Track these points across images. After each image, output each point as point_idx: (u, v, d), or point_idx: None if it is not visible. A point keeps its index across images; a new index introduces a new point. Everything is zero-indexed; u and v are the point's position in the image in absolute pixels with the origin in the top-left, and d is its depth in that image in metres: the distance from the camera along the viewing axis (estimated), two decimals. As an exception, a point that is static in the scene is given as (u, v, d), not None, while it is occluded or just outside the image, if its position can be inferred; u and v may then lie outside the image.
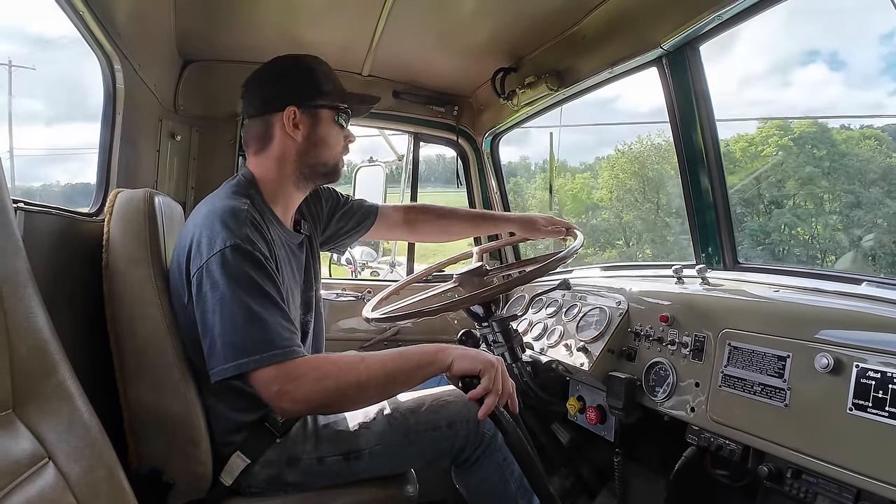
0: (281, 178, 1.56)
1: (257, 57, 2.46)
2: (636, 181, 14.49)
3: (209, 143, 2.49)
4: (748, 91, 19.61)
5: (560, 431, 2.29)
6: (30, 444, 0.76)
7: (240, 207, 1.39)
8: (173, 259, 1.46)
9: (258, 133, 1.54)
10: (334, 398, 1.31)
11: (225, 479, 1.44)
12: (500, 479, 1.61)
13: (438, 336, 2.61)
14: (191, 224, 1.42)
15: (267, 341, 1.26)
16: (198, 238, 1.35)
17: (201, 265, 1.31)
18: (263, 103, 1.53)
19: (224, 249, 1.30)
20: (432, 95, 2.79)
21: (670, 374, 1.68)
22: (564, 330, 2.08)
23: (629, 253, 14.11)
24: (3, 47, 12.26)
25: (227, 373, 1.26)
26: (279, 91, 1.52)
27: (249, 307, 1.28)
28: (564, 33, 2.11)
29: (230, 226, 1.34)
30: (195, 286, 1.33)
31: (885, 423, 1.15)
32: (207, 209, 1.42)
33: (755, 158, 11.23)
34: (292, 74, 1.55)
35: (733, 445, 1.47)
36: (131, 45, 1.76)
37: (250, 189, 1.51)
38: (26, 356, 0.79)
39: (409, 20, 2.12)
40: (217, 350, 1.27)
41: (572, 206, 15.65)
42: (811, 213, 10.66)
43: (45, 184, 11.37)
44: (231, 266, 1.30)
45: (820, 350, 1.28)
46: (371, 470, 1.53)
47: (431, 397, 1.60)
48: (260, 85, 1.55)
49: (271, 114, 1.52)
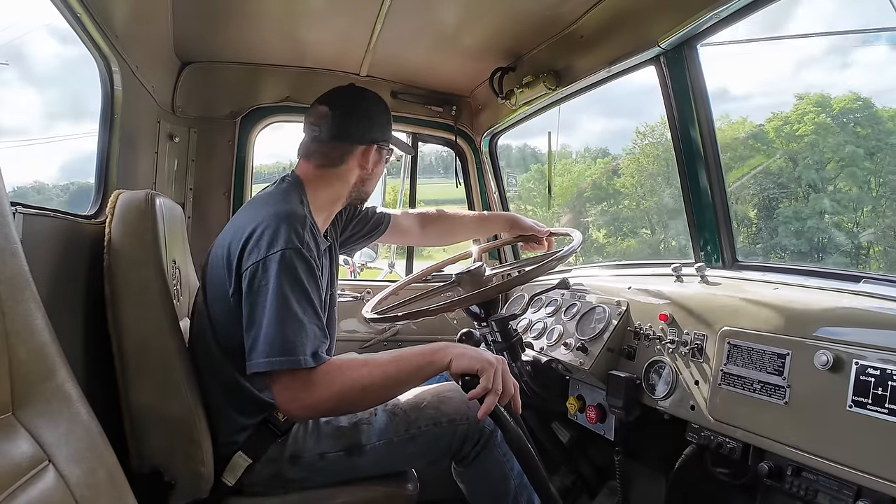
0: (335, 196, 1.67)
1: (255, 58, 2.49)
2: (658, 165, 13.27)
3: (208, 144, 2.49)
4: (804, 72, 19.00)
5: (560, 430, 2.28)
6: (30, 447, 0.76)
7: (303, 214, 1.47)
8: (219, 248, 1.49)
9: (330, 152, 1.63)
10: (340, 404, 1.36)
11: (227, 478, 1.46)
12: (500, 474, 1.62)
13: (438, 336, 2.61)
14: (247, 218, 1.46)
15: (303, 346, 1.31)
16: (259, 233, 1.39)
17: (258, 260, 1.36)
18: (350, 132, 1.64)
19: (286, 250, 1.36)
20: (430, 95, 2.80)
21: (670, 373, 1.68)
22: (564, 329, 2.08)
23: (652, 242, 13.18)
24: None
25: (261, 367, 1.31)
26: (369, 127, 1.66)
27: (295, 310, 1.33)
28: (562, 32, 2.11)
29: (295, 229, 1.40)
30: (247, 279, 1.37)
31: (884, 420, 1.15)
32: (268, 208, 1.46)
33: (791, 140, 10.57)
34: (380, 113, 1.70)
35: (733, 443, 1.47)
36: (129, 47, 1.76)
37: (303, 196, 1.57)
38: (26, 359, 0.79)
39: (407, 20, 2.12)
40: (259, 344, 1.32)
41: (592, 194, 15.00)
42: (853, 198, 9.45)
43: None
44: (288, 267, 1.35)
45: (819, 347, 1.28)
46: (373, 466, 1.55)
47: (431, 393, 1.61)
48: (349, 115, 1.64)
49: (355, 145, 1.64)
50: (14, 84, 4.03)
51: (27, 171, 4.68)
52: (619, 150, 14.86)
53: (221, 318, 1.46)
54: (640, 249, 13.32)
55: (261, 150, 2.71)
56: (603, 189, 14.86)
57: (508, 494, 1.62)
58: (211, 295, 1.49)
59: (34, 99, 6.20)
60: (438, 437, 1.57)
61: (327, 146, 1.63)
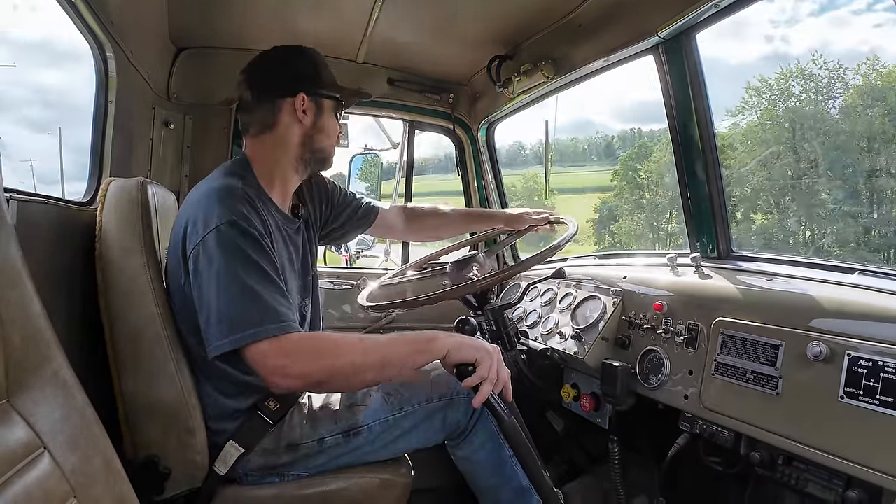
0: (282, 161, 1.59)
1: (251, 44, 2.46)
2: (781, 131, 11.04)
3: (203, 130, 2.47)
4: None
5: (555, 419, 2.30)
6: (25, 434, 0.76)
7: (234, 185, 1.42)
8: (171, 242, 1.47)
9: (261, 116, 1.57)
10: (330, 375, 1.32)
11: (219, 468, 1.45)
12: (494, 445, 1.63)
13: (434, 324, 2.61)
14: (186, 206, 1.44)
15: (262, 315, 1.28)
16: (193, 217, 1.37)
17: (198, 243, 1.33)
18: (271, 87, 1.57)
19: (220, 226, 1.32)
20: (428, 83, 2.77)
21: (664, 362, 1.69)
22: (559, 318, 2.09)
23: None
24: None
25: (223, 348, 1.27)
26: (288, 77, 1.58)
27: (245, 282, 1.29)
28: (561, 21, 2.09)
29: (225, 203, 1.36)
30: (192, 264, 1.35)
31: (875, 411, 1.16)
32: (201, 191, 1.44)
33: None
34: (300, 63, 1.61)
35: (726, 433, 1.48)
36: (124, 33, 1.74)
37: (244, 171, 1.53)
38: (20, 346, 0.79)
39: (405, 7, 2.10)
40: (213, 326, 1.29)
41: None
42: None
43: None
44: (226, 242, 1.32)
45: (812, 339, 1.29)
46: (370, 446, 1.55)
47: (423, 371, 1.61)
48: (265, 70, 1.58)
49: (280, 98, 1.56)
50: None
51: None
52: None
53: (184, 308, 1.43)
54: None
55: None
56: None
57: (506, 463, 1.64)
58: (172, 287, 1.46)
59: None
60: (432, 414, 1.58)
61: (257, 112, 1.57)
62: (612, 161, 18.24)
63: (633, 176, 20.23)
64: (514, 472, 1.63)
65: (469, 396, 1.56)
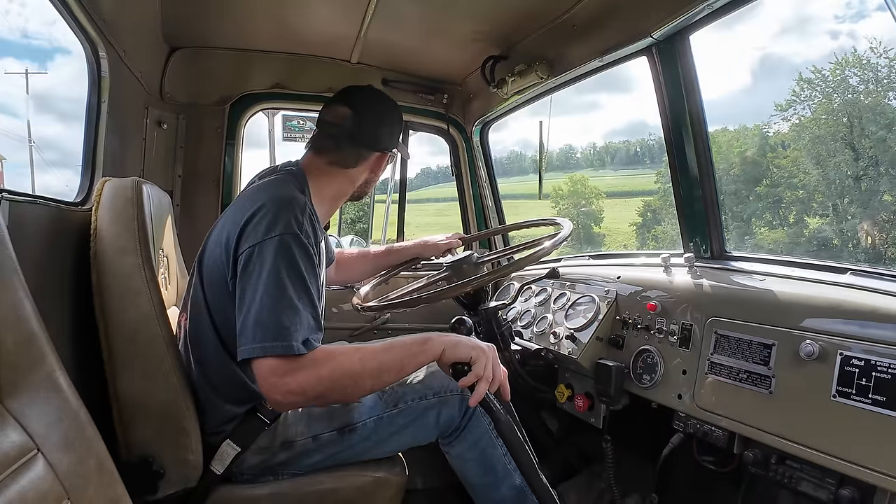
0: (340, 193, 1.73)
1: (244, 44, 2.46)
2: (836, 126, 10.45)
3: (196, 130, 2.46)
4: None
5: (549, 419, 2.31)
6: (18, 436, 0.76)
7: (304, 201, 1.45)
8: (217, 234, 1.47)
9: (346, 153, 1.66)
10: (330, 390, 1.32)
11: (216, 467, 1.45)
12: (488, 443, 1.64)
13: (429, 324, 2.61)
14: (247, 203, 1.44)
15: (295, 331, 1.28)
16: (258, 217, 1.37)
17: (255, 244, 1.34)
18: (369, 138, 1.68)
19: (283, 235, 1.34)
20: (422, 83, 2.78)
21: (658, 362, 1.69)
22: (553, 318, 2.09)
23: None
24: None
25: (254, 353, 1.27)
26: (388, 135, 1.73)
27: (290, 296, 1.30)
28: (555, 21, 2.09)
29: (294, 215, 1.38)
30: (242, 262, 1.35)
31: (867, 410, 1.17)
32: (268, 193, 1.45)
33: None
34: (397, 122, 1.77)
35: (719, 432, 1.49)
36: (116, 32, 1.73)
37: (303, 185, 1.57)
38: (13, 348, 0.78)
39: (399, 7, 2.10)
40: (249, 328, 1.28)
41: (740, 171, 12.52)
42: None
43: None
44: (286, 253, 1.33)
45: (805, 338, 1.30)
46: (365, 443, 1.56)
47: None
48: (369, 119, 1.68)
49: (369, 151, 1.70)
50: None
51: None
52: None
53: (219, 305, 1.44)
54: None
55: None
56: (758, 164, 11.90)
57: (499, 462, 1.64)
58: (208, 280, 1.47)
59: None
60: (426, 411, 1.59)
61: (344, 147, 1.65)
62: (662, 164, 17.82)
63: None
64: (508, 470, 1.64)
65: (463, 394, 1.57)
